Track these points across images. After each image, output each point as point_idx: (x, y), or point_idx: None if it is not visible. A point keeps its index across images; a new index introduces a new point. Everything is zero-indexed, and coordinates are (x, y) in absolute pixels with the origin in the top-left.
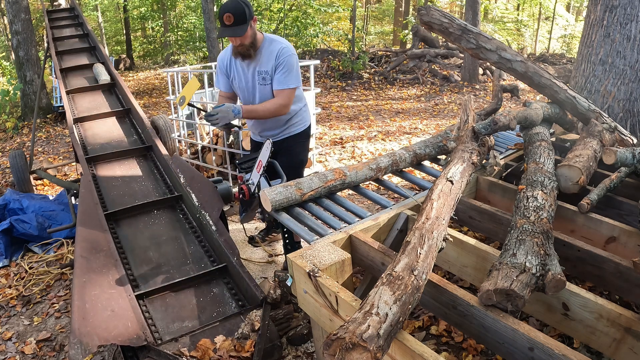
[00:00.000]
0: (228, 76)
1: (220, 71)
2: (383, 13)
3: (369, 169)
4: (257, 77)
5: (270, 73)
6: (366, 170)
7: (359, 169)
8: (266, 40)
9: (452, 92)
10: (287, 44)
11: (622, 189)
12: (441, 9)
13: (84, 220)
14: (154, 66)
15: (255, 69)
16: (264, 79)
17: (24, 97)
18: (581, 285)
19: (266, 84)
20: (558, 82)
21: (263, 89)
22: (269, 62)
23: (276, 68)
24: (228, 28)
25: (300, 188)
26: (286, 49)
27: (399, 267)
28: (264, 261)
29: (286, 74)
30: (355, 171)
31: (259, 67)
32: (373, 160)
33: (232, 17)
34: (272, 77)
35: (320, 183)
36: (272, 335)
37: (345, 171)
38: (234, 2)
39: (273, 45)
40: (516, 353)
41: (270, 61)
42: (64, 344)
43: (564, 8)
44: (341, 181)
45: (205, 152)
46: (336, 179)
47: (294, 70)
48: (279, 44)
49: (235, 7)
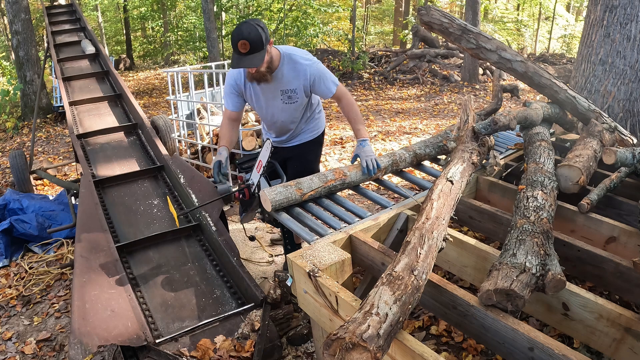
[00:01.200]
0: (241, 96)
1: (232, 91)
2: (383, 13)
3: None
4: (280, 97)
5: (297, 91)
6: (359, 174)
7: (360, 169)
8: (285, 57)
9: (452, 92)
10: (308, 56)
11: (622, 189)
12: (441, 9)
13: (84, 220)
14: (154, 66)
15: (277, 88)
16: (290, 97)
17: (24, 97)
18: (581, 285)
19: (292, 102)
20: (558, 82)
21: (287, 107)
22: (296, 81)
23: (314, 83)
24: (243, 57)
25: (300, 188)
26: (311, 64)
27: (399, 267)
28: (264, 261)
29: (327, 79)
30: (356, 171)
31: (283, 87)
32: None
33: (247, 45)
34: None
35: (321, 183)
36: (272, 335)
37: (345, 171)
38: (249, 27)
39: (295, 63)
40: (516, 353)
41: (296, 79)
42: (64, 344)
43: (564, 8)
44: (341, 181)
45: (205, 152)
46: (336, 179)
47: (327, 73)
48: (303, 62)
49: (250, 33)
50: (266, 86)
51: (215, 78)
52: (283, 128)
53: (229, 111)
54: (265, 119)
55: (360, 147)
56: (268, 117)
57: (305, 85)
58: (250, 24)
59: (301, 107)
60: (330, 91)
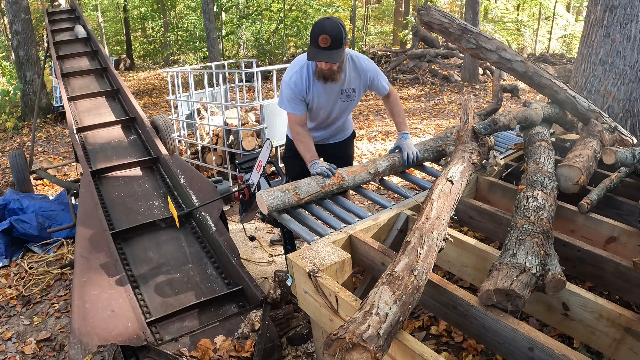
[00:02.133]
0: (304, 100)
1: (297, 97)
2: (383, 13)
3: (367, 173)
4: (341, 95)
5: (356, 90)
6: (364, 175)
7: (357, 173)
8: (347, 57)
9: (452, 92)
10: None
11: (622, 189)
12: (441, 9)
13: (84, 220)
14: (154, 66)
15: (340, 87)
16: (349, 96)
17: (24, 97)
18: (581, 285)
19: (350, 101)
20: (558, 82)
21: (344, 105)
22: (357, 80)
23: (372, 82)
24: (323, 51)
25: (297, 193)
26: (370, 64)
27: (399, 267)
28: (264, 261)
29: (382, 77)
30: (354, 175)
31: (345, 86)
32: (372, 163)
33: (329, 40)
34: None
35: (318, 188)
36: (272, 335)
37: (344, 175)
38: (332, 23)
39: (358, 64)
40: (516, 353)
41: (357, 79)
42: (64, 344)
43: (564, 8)
44: (339, 185)
45: (205, 152)
46: (334, 184)
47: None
48: (363, 62)
49: (333, 29)
50: (330, 85)
51: (215, 78)
52: (332, 126)
53: (299, 116)
54: (320, 119)
55: (403, 140)
56: (324, 116)
57: (365, 85)
58: (334, 21)
59: (354, 105)
60: (386, 88)
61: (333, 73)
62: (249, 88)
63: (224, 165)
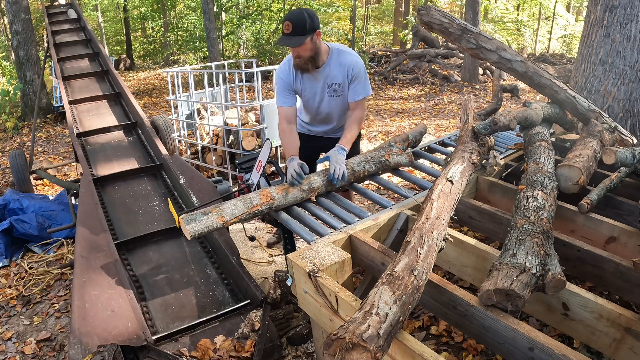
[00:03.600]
0: (294, 90)
1: (285, 87)
2: (383, 13)
3: (300, 190)
4: (327, 89)
5: (342, 85)
6: (297, 192)
7: (289, 191)
8: (334, 51)
9: (452, 92)
10: (355, 54)
11: (622, 189)
12: (441, 9)
13: (84, 220)
14: (154, 66)
15: (325, 81)
16: (335, 90)
17: (24, 97)
18: (581, 285)
19: (337, 96)
20: (558, 82)
21: (332, 100)
22: (340, 75)
23: (352, 80)
24: (285, 37)
25: (222, 215)
26: (358, 61)
27: (399, 267)
28: (264, 261)
29: (362, 85)
30: (285, 193)
31: (330, 80)
32: (306, 180)
33: (290, 26)
34: (345, 89)
35: (245, 209)
36: (272, 335)
37: (273, 194)
38: (298, 12)
39: (343, 58)
40: (516, 353)
41: (341, 74)
42: (64, 344)
43: (564, 8)
44: (268, 205)
45: (205, 152)
46: (262, 204)
47: (366, 78)
48: (349, 56)
49: (296, 17)
50: (316, 78)
51: (215, 78)
52: (328, 119)
53: (285, 109)
54: (312, 110)
55: (336, 152)
56: (314, 108)
57: (345, 80)
58: (300, 10)
59: (346, 100)
60: (359, 95)
61: (303, 62)
62: (249, 88)
63: (224, 165)
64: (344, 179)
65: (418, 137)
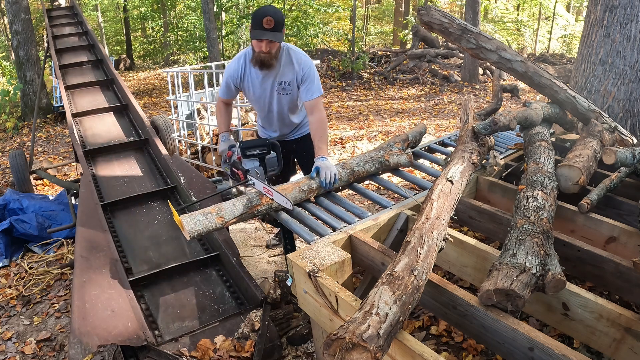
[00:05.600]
0: (238, 86)
1: (231, 80)
2: (383, 13)
3: (299, 190)
4: (276, 87)
5: (291, 83)
6: (296, 192)
7: (289, 191)
8: (284, 49)
9: (452, 92)
10: (304, 53)
11: (622, 189)
12: (441, 9)
13: (84, 220)
14: (154, 66)
15: (274, 79)
16: (284, 88)
17: (24, 97)
18: (581, 285)
19: (286, 94)
20: (558, 82)
21: (282, 98)
22: (290, 73)
23: (302, 80)
24: (268, 32)
25: (221, 216)
26: (307, 59)
27: (399, 267)
28: (264, 261)
29: (314, 83)
30: (285, 193)
31: (279, 78)
32: (305, 181)
33: (272, 22)
34: (294, 87)
35: (244, 209)
36: (272, 335)
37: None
38: (274, 8)
39: (292, 56)
40: (516, 353)
41: (291, 72)
42: (64, 344)
43: (564, 8)
44: (267, 206)
45: (205, 152)
46: (262, 204)
47: (317, 78)
48: (298, 55)
49: (275, 13)
50: (265, 76)
51: (215, 78)
52: (280, 119)
53: (224, 99)
54: (262, 109)
55: (320, 161)
56: (265, 107)
57: (297, 79)
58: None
59: (295, 98)
60: (312, 95)
61: (271, 57)
62: None
63: None
64: (336, 180)
65: (418, 137)
